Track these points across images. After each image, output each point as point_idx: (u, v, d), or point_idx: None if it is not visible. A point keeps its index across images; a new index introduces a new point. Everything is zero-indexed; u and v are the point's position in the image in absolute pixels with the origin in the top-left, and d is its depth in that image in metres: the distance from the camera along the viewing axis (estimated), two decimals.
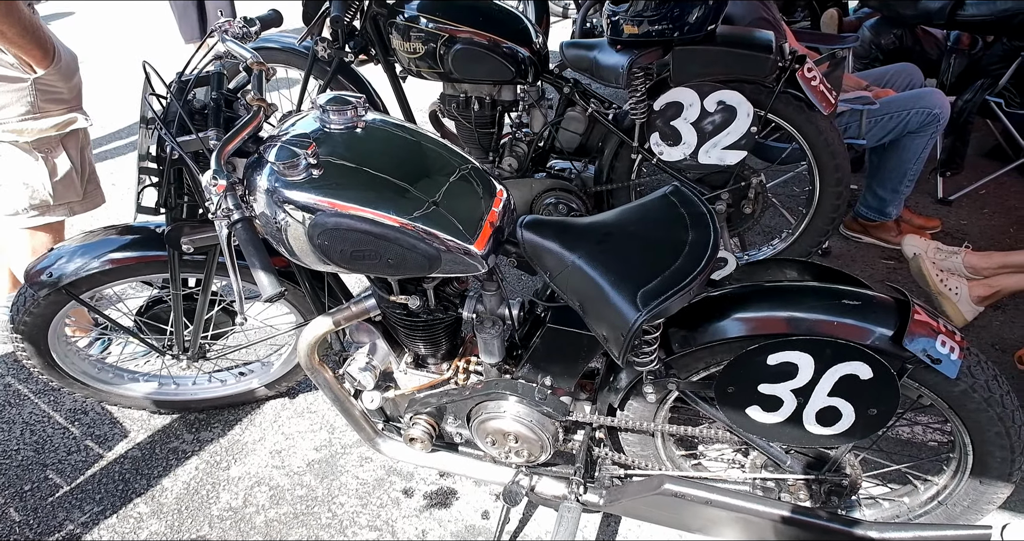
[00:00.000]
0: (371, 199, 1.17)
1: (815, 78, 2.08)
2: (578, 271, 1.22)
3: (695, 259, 1.19)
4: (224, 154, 1.13)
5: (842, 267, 2.63)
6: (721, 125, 2.11)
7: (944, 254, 2.33)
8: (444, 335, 1.47)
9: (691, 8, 2.02)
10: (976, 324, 2.30)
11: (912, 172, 2.58)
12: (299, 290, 1.59)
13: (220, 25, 1.39)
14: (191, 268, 1.54)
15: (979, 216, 2.97)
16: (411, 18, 2.23)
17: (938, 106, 2.45)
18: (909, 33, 3.15)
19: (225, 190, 1.09)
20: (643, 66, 2.09)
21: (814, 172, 2.22)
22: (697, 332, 1.30)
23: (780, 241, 2.41)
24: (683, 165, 2.20)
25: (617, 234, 1.26)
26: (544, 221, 1.30)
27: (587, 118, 2.34)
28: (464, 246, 1.19)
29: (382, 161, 1.24)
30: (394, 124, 1.35)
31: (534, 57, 2.25)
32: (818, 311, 1.21)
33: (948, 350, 1.16)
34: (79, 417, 1.95)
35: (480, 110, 2.34)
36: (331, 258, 1.20)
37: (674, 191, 1.35)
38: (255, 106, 1.22)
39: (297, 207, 1.16)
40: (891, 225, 2.73)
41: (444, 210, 1.21)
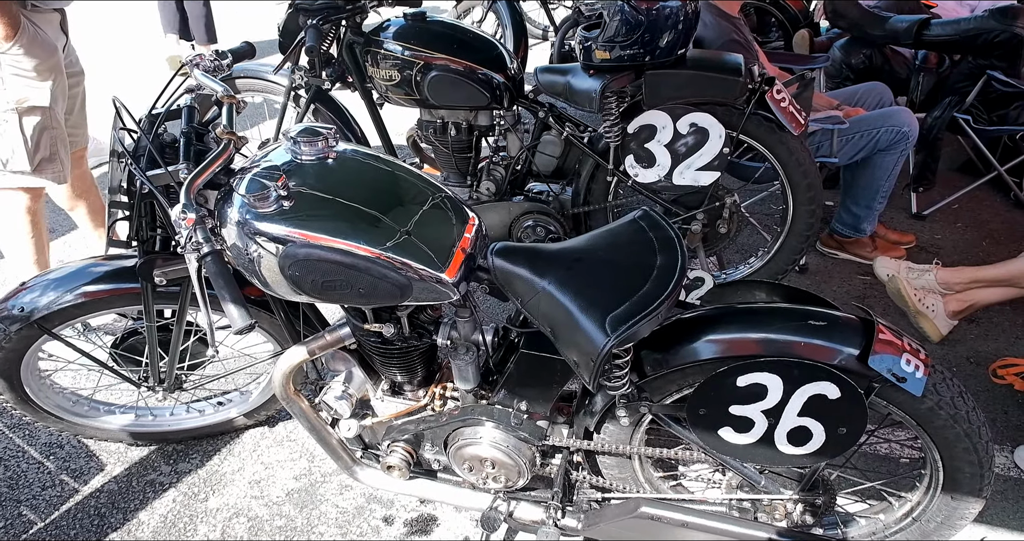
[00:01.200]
0: (341, 229, 1.18)
1: (784, 99, 2.12)
2: (548, 297, 1.23)
3: (663, 283, 1.21)
4: (194, 188, 1.14)
5: (819, 283, 2.68)
6: (694, 147, 2.15)
7: (916, 272, 2.36)
8: (419, 362, 1.47)
9: (661, 33, 2.05)
10: (951, 338, 2.33)
11: (884, 189, 2.63)
12: (275, 319, 1.59)
13: (191, 59, 1.41)
14: (165, 299, 1.54)
15: (952, 230, 3.02)
16: (387, 46, 2.26)
17: (906, 124, 2.50)
18: (878, 53, 3.22)
19: (194, 223, 1.10)
20: (615, 90, 2.13)
21: (787, 191, 2.25)
22: (669, 354, 1.32)
23: (756, 259, 2.44)
24: (658, 186, 2.23)
25: (586, 259, 1.28)
26: (514, 248, 1.31)
27: (563, 141, 2.36)
28: (435, 274, 1.20)
29: (354, 191, 1.25)
30: (366, 154, 1.37)
31: (509, 83, 2.28)
32: (785, 332, 1.23)
33: (913, 368, 1.18)
34: (54, 451, 1.93)
35: (457, 135, 2.36)
36: (302, 288, 1.21)
37: (643, 215, 1.37)
38: (225, 139, 1.23)
39: (268, 238, 1.17)
40: (866, 241, 2.77)
41: (415, 239, 1.22)
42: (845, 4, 3.18)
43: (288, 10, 2.30)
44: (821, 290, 2.64)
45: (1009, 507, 1.77)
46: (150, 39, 5.20)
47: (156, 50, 4.91)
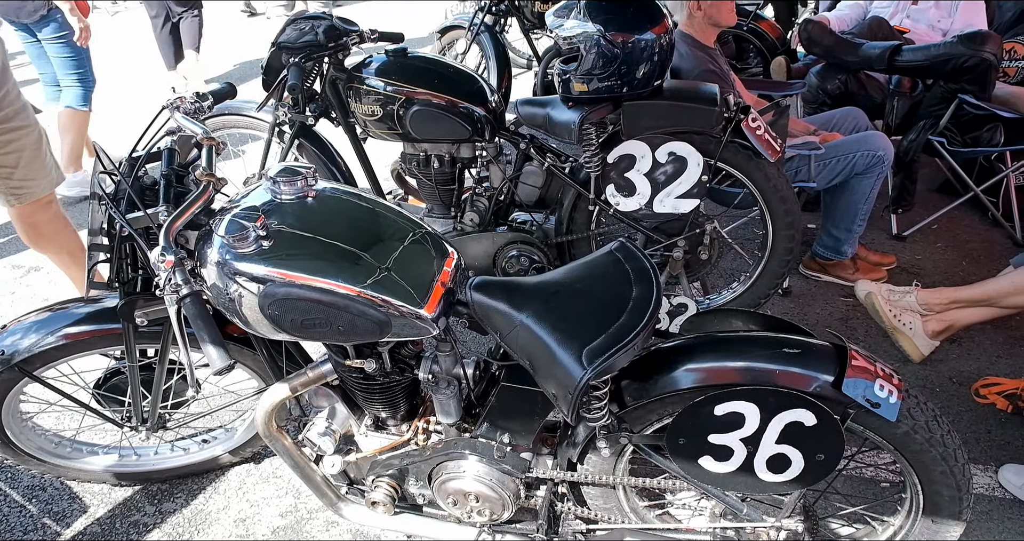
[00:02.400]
0: (320, 268, 1.20)
1: (760, 127, 2.17)
2: (526, 330, 1.25)
3: (638, 314, 1.22)
4: (172, 230, 1.16)
5: (803, 306, 2.71)
6: (673, 175, 2.18)
7: (898, 294, 2.39)
8: (402, 396, 1.47)
9: (637, 65, 2.10)
10: (933, 358, 2.35)
11: (863, 212, 2.67)
12: (257, 356, 1.60)
13: (172, 102, 1.43)
14: (148, 339, 1.54)
15: (933, 250, 3.06)
16: (369, 82, 2.30)
17: (881, 148, 2.54)
18: (853, 78, 3.29)
19: (173, 265, 1.12)
20: (594, 121, 2.16)
21: (766, 217, 2.28)
22: (648, 384, 1.33)
23: (739, 284, 2.46)
24: (639, 214, 2.26)
25: (564, 292, 1.30)
26: (492, 282, 1.33)
27: (545, 172, 2.40)
28: (414, 310, 1.21)
29: (333, 229, 1.27)
30: (346, 192, 1.39)
31: (490, 115, 2.31)
32: (761, 360, 1.24)
33: (887, 393, 1.19)
34: (37, 494, 1.91)
35: (440, 168, 2.39)
36: (282, 327, 1.22)
37: (619, 247, 1.39)
38: (204, 181, 1.25)
39: (247, 278, 1.18)
40: (848, 263, 2.80)
41: (395, 275, 1.23)
42: (819, 32, 3.26)
43: (271, 48, 2.34)
44: (805, 313, 2.66)
45: (995, 528, 1.78)
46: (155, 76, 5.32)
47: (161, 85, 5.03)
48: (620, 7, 2.11)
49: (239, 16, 7.97)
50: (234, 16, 7.94)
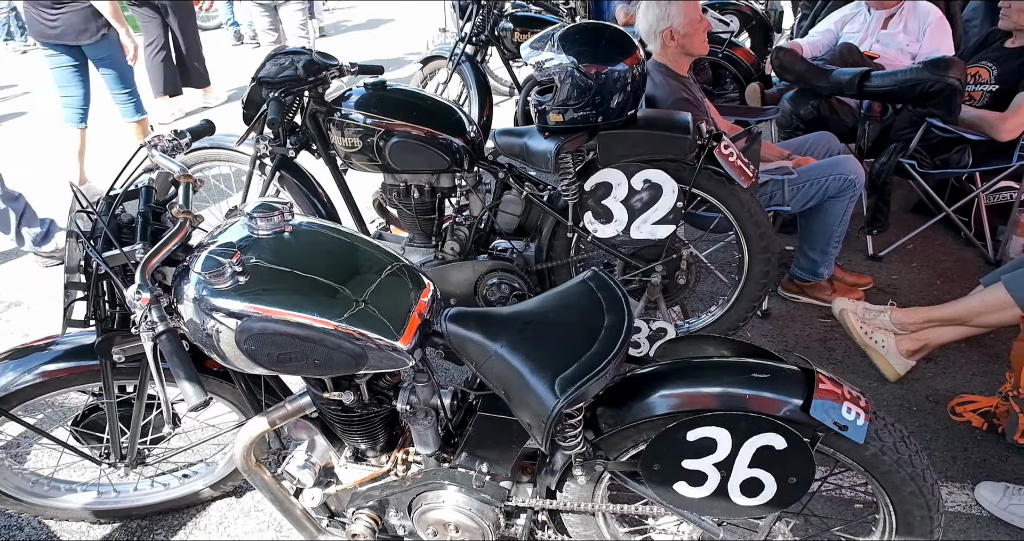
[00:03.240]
0: (296, 302, 1.22)
1: (732, 154, 2.21)
2: (500, 360, 1.27)
3: (610, 343, 1.25)
4: (149, 268, 1.17)
5: (782, 327, 2.74)
6: (649, 202, 2.22)
7: (873, 313, 2.43)
8: (381, 428, 1.48)
9: (611, 96, 2.14)
10: (910, 377, 2.38)
11: (838, 234, 2.72)
12: (236, 389, 1.60)
13: (150, 140, 1.46)
14: (126, 375, 1.55)
15: (908, 270, 3.11)
16: (349, 115, 2.34)
17: (853, 172, 2.60)
18: (825, 103, 3.36)
19: (149, 303, 1.13)
20: (570, 150, 2.20)
21: (741, 241, 2.32)
22: (622, 411, 1.35)
23: (718, 307, 2.49)
24: (617, 241, 2.29)
25: (537, 322, 1.32)
26: (467, 313, 1.35)
27: (523, 200, 2.43)
28: (390, 342, 1.23)
29: (310, 263, 1.29)
30: (322, 226, 1.41)
31: (469, 146, 2.35)
32: (731, 386, 1.27)
33: (854, 416, 1.22)
34: (14, 534, 1.89)
35: (420, 198, 2.42)
36: (259, 361, 1.23)
37: (592, 276, 1.41)
38: (181, 218, 1.27)
39: (224, 314, 1.20)
40: (825, 285, 2.84)
41: (371, 307, 1.25)
42: (791, 59, 3.34)
43: (251, 83, 2.38)
44: (784, 334, 2.69)
45: None
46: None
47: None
48: (593, 39, 2.16)
49: (230, 44, 8.04)
50: (224, 44, 8.01)
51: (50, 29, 3.46)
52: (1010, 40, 2.96)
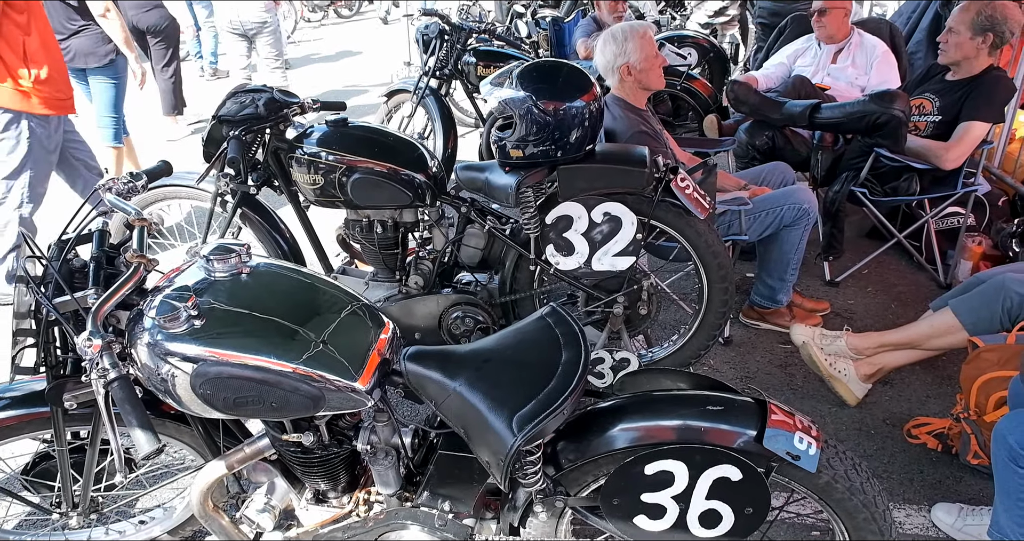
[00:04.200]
0: (253, 345, 1.21)
1: (688, 187, 2.27)
2: (459, 399, 1.27)
3: (567, 379, 1.26)
4: (101, 314, 1.16)
5: (743, 354, 2.78)
6: (609, 234, 2.26)
7: (829, 339, 2.48)
8: (342, 468, 1.47)
9: (569, 131, 2.19)
10: (867, 401, 2.43)
11: (794, 261, 2.79)
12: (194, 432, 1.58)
13: (104, 183, 1.45)
14: (78, 421, 1.52)
15: (864, 295, 3.20)
16: (311, 152, 2.35)
17: (806, 202, 2.68)
18: (779, 134, 3.46)
19: (100, 349, 1.12)
20: (531, 185, 2.24)
21: (700, 270, 2.37)
22: (582, 446, 1.36)
23: (679, 336, 2.52)
24: (579, 273, 2.32)
25: (495, 359, 1.33)
26: (426, 351, 1.36)
27: (486, 234, 2.45)
28: (349, 384, 1.23)
29: (267, 304, 1.29)
30: (280, 267, 1.42)
31: (431, 181, 2.38)
32: (687, 418, 1.29)
33: (806, 445, 1.24)
34: None
35: (383, 233, 2.43)
36: (214, 406, 1.22)
37: (550, 312, 1.43)
38: (135, 263, 1.26)
39: (179, 358, 1.19)
40: (784, 311, 2.90)
41: (330, 348, 1.25)
42: (745, 92, 3.45)
43: (211, 121, 2.38)
44: (745, 361, 2.74)
45: None
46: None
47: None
48: (551, 77, 2.22)
49: (196, 75, 8.01)
50: (195, 77, 7.98)
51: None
52: (950, 73, 3.10)
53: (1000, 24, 2.82)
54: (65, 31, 3.57)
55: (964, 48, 2.92)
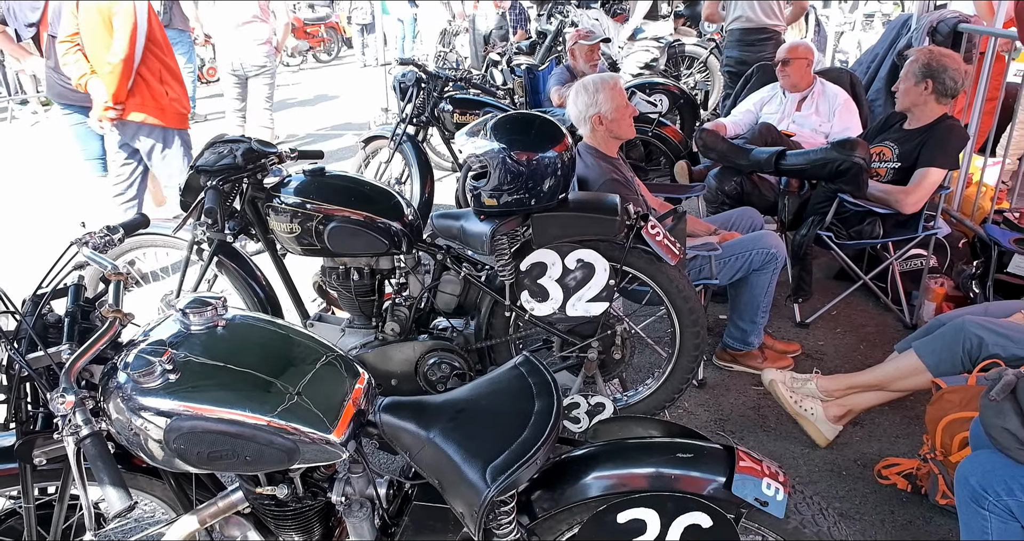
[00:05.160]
0: (227, 398, 1.22)
1: (659, 233, 2.33)
2: (433, 449, 1.29)
3: (540, 429, 1.28)
4: (74, 370, 1.17)
5: (717, 396, 2.82)
6: (583, 280, 2.30)
7: (800, 382, 2.53)
8: (316, 521, 1.47)
9: (542, 180, 2.24)
10: (839, 442, 2.47)
11: (764, 304, 2.85)
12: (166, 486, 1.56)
13: (81, 237, 1.47)
14: (47, 477, 1.49)
15: (833, 336, 3.27)
16: (288, 201, 2.38)
17: (774, 246, 2.76)
18: (747, 179, 3.57)
19: (74, 406, 1.12)
20: (505, 233, 2.28)
21: (672, 315, 2.42)
22: (556, 494, 1.37)
23: (653, 380, 2.55)
24: (554, 319, 2.36)
25: (469, 409, 1.35)
26: (401, 402, 1.37)
27: (462, 280, 2.48)
28: (323, 436, 1.24)
29: (243, 357, 1.30)
30: (255, 319, 1.44)
31: (407, 229, 2.41)
32: (658, 466, 1.31)
33: (774, 491, 1.27)
34: None
35: (360, 280, 2.46)
36: (188, 460, 1.22)
37: (523, 361, 1.46)
38: (110, 318, 1.27)
39: (153, 413, 1.20)
40: (756, 353, 2.95)
41: (305, 400, 1.26)
42: (713, 139, 3.56)
43: (189, 171, 2.41)
44: (720, 403, 2.77)
45: None
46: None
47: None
48: (524, 128, 2.28)
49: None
50: None
51: (70, 92, 3.65)
52: (907, 122, 3.23)
53: (939, 72, 2.97)
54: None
55: (911, 94, 3.07)
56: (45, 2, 3.77)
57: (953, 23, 4.09)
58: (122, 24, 3.24)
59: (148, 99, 3.43)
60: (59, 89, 3.74)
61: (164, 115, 3.49)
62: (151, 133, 3.50)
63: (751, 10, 4.91)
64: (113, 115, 3.40)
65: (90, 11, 3.26)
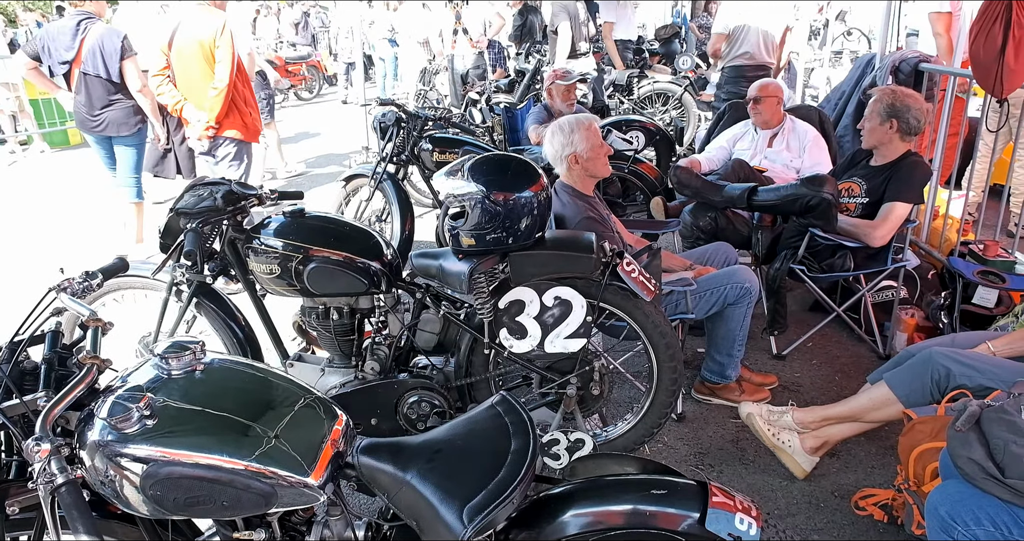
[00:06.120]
0: (204, 443, 1.23)
1: (634, 270, 2.37)
2: (411, 491, 1.30)
3: (516, 468, 1.30)
4: (50, 418, 1.17)
5: (696, 430, 2.84)
6: (560, 317, 2.33)
7: (776, 414, 2.56)
8: None
9: (519, 220, 2.28)
10: (816, 473, 2.49)
11: (740, 338, 2.89)
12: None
13: (59, 284, 1.48)
14: (20, 526, 1.48)
15: (809, 367, 3.31)
16: (268, 242, 2.40)
17: (748, 281, 2.82)
18: (721, 215, 3.64)
19: (49, 454, 1.12)
20: (484, 271, 2.32)
21: (649, 350, 2.45)
22: (534, 533, 1.38)
23: (632, 415, 2.58)
24: (532, 356, 2.38)
25: (446, 450, 1.36)
26: (379, 443, 1.38)
27: (441, 319, 2.51)
28: (301, 479, 1.25)
29: (221, 401, 1.31)
30: (234, 362, 1.45)
31: (386, 268, 2.44)
32: (634, 503, 1.33)
33: (747, 525, 1.29)
34: None
35: (339, 319, 2.47)
36: (164, 507, 1.22)
37: (500, 401, 1.48)
38: (88, 364, 1.28)
39: (129, 459, 1.20)
40: (734, 386, 2.99)
41: (283, 443, 1.27)
42: (686, 176, 3.64)
43: (169, 213, 2.43)
44: (698, 437, 2.79)
45: None
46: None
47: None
48: (500, 169, 2.34)
49: None
50: None
51: (93, 125, 4.35)
52: (873, 159, 3.34)
53: (903, 112, 3.08)
54: (103, 104, 4.31)
55: (876, 133, 3.18)
56: (80, 43, 4.20)
57: (915, 63, 4.27)
58: (224, 56, 3.90)
59: (236, 118, 4.07)
60: (90, 123, 4.34)
61: (247, 132, 4.17)
62: (232, 145, 4.15)
63: (756, 48, 5.22)
64: (212, 133, 4.03)
65: (192, 45, 3.90)
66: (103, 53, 4.19)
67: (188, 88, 4.02)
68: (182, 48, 3.93)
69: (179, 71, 4.00)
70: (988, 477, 1.55)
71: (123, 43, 4.23)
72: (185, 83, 4.02)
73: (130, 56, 4.27)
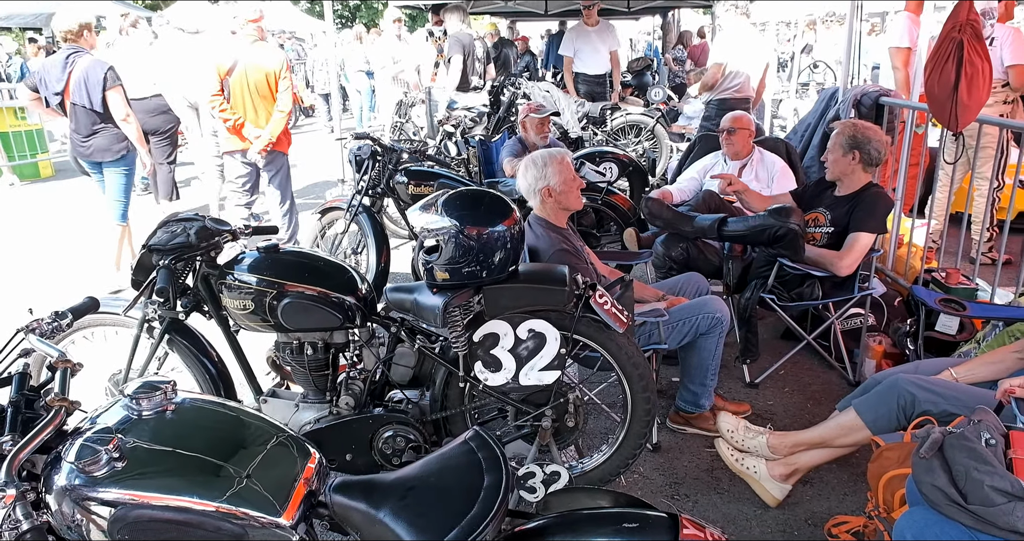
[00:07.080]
0: (174, 485, 1.22)
1: (607, 302, 2.40)
2: (384, 529, 1.30)
3: (489, 504, 1.30)
4: (16, 463, 1.16)
5: (672, 459, 2.86)
6: (534, 350, 2.35)
7: (753, 433, 2.59)
8: None
9: (493, 254, 2.31)
10: (789, 501, 2.52)
11: (713, 367, 2.93)
12: None
13: (28, 325, 1.47)
14: None
15: (782, 395, 3.36)
16: (241, 277, 2.40)
17: (719, 311, 2.86)
18: (693, 245, 3.71)
19: (14, 500, 1.11)
20: (458, 305, 2.33)
21: (623, 381, 2.47)
22: None
23: (607, 446, 2.59)
24: (507, 388, 2.39)
25: (419, 487, 1.37)
26: (351, 482, 1.38)
27: (416, 352, 2.51)
28: (273, 520, 1.24)
29: (192, 441, 1.31)
30: (205, 401, 1.45)
31: (360, 303, 2.45)
32: (606, 536, 1.34)
33: None
34: None
35: (314, 355, 2.46)
36: None
37: (473, 436, 1.49)
38: (55, 407, 1.27)
39: (97, 503, 1.19)
40: (708, 415, 3.01)
41: (255, 482, 1.27)
42: (658, 207, 3.71)
43: (141, 250, 2.42)
44: (674, 466, 2.81)
45: None
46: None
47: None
48: (474, 204, 2.38)
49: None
50: None
51: (84, 150, 4.58)
52: (837, 189, 3.44)
53: (864, 143, 3.19)
54: (88, 131, 4.51)
55: (840, 165, 3.28)
56: (68, 75, 4.39)
57: (875, 96, 4.42)
58: (286, 86, 4.79)
59: (283, 136, 4.92)
60: (80, 149, 4.58)
61: (284, 146, 5.00)
62: (279, 158, 4.99)
63: (745, 81, 5.55)
64: (270, 148, 4.82)
65: (259, 75, 4.72)
66: (87, 84, 4.38)
67: (247, 110, 4.78)
68: (246, 76, 4.70)
69: (238, 95, 4.75)
70: (951, 503, 1.59)
71: (106, 74, 4.40)
72: (245, 105, 4.77)
73: (113, 86, 4.45)
